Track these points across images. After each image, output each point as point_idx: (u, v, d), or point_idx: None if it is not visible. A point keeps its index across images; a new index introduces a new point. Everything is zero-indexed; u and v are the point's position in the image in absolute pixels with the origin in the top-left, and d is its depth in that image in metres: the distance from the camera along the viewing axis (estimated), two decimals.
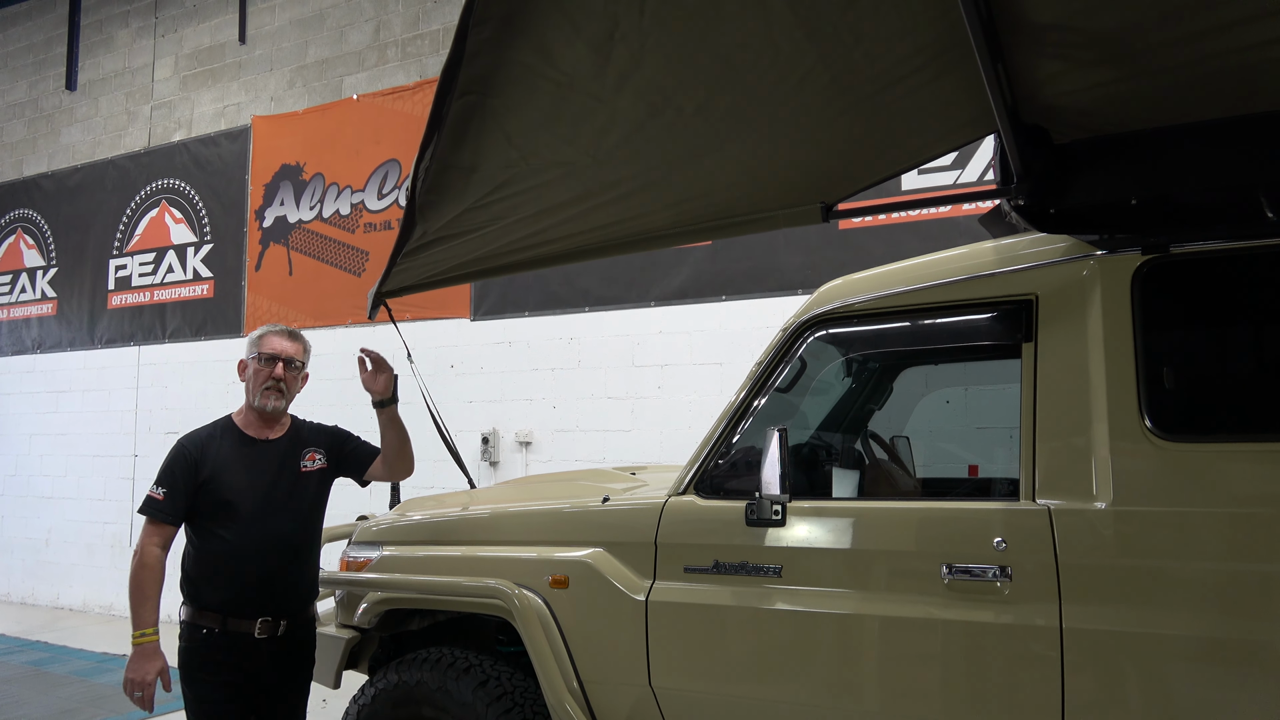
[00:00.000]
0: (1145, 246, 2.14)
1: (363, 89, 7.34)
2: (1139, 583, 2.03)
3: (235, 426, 2.89)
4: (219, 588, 2.71)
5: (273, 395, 2.85)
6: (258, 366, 2.87)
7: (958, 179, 5.15)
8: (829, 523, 2.43)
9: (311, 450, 2.94)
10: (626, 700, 2.62)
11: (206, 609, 2.71)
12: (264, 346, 2.88)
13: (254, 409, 2.88)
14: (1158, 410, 2.07)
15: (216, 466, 2.76)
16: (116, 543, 8.35)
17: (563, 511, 2.92)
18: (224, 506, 2.73)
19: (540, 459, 6.27)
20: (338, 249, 7.33)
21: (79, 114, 9.19)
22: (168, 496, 2.73)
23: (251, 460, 2.82)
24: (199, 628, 2.71)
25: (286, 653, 2.80)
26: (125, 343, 8.55)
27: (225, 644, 2.69)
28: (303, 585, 2.87)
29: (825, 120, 2.13)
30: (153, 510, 2.73)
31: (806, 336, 2.59)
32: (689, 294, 5.86)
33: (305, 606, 2.88)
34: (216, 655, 2.69)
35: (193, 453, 2.77)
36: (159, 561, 2.72)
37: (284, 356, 2.87)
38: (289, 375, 2.88)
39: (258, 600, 2.72)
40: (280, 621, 2.75)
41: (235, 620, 2.69)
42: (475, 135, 1.91)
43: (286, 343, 2.91)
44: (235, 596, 2.70)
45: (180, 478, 2.74)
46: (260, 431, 2.89)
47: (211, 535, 2.75)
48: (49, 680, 6.02)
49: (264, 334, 2.92)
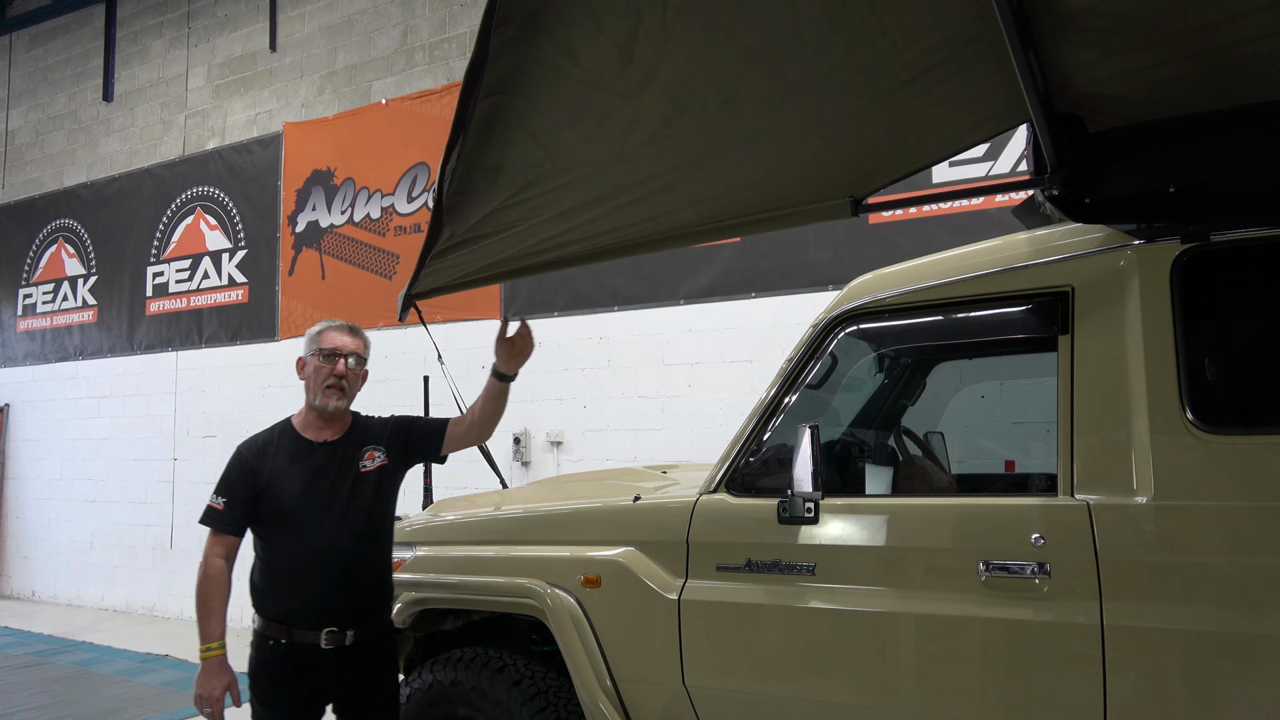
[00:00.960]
0: (1184, 235, 2.10)
1: (391, 93, 7.41)
2: (1182, 578, 1.98)
3: (293, 430, 2.77)
4: (281, 598, 2.61)
5: (334, 394, 2.71)
6: (318, 364, 2.72)
7: (990, 170, 5.08)
8: (863, 520, 2.40)
9: (371, 449, 2.78)
10: (660, 699, 2.62)
11: (272, 620, 2.62)
12: (324, 342, 2.74)
13: (314, 409, 2.75)
14: (1199, 402, 2.03)
15: (273, 473, 2.66)
16: (158, 545, 8.50)
17: (594, 511, 2.92)
18: (281, 514, 2.63)
19: (571, 458, 6.28)
20: (369, 252, 7.40)
21: (116, 124, 9.36)
22: (227, 506, 2.64)
23: (308, 465, 2.69)
24: (266, 639, 2.62)
25: (357, 664, 2.64)
26: (163, 348, 8.70)
27: (293, 656, 2.58)
28: (369, 592, 2.71)
29: (853, 114, 2.10)
30: (213, 521, 2.65)
31: (837, 332, 2.57)
32: (718, 291, 5.84)
33: (375, 615, 2.72)
34: (285, 668, 2.59)
35: (250, 460, 2.68)
36: (222, 573, 2.64)
37: (344, 352, 2.73)
38: (350, 373, 2.73)
39: (321, 610, 2.58)
40: (347, 631, 2.60)
41: (300, 631, 2.57)
42: (501, 136, 1.91)
43: (347, 338, 2.77)
44: (298, 607, 2.59)
45: (238, 486, 2.65)
46: (318, 434, 2.75)
47: (272, 544, 2.66)
48: (94, 680, 6.14)
49: (323, 330, 2.78)
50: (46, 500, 9.53)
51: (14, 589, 9.70)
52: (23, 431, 9.86)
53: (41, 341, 9.79)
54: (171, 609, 8.35)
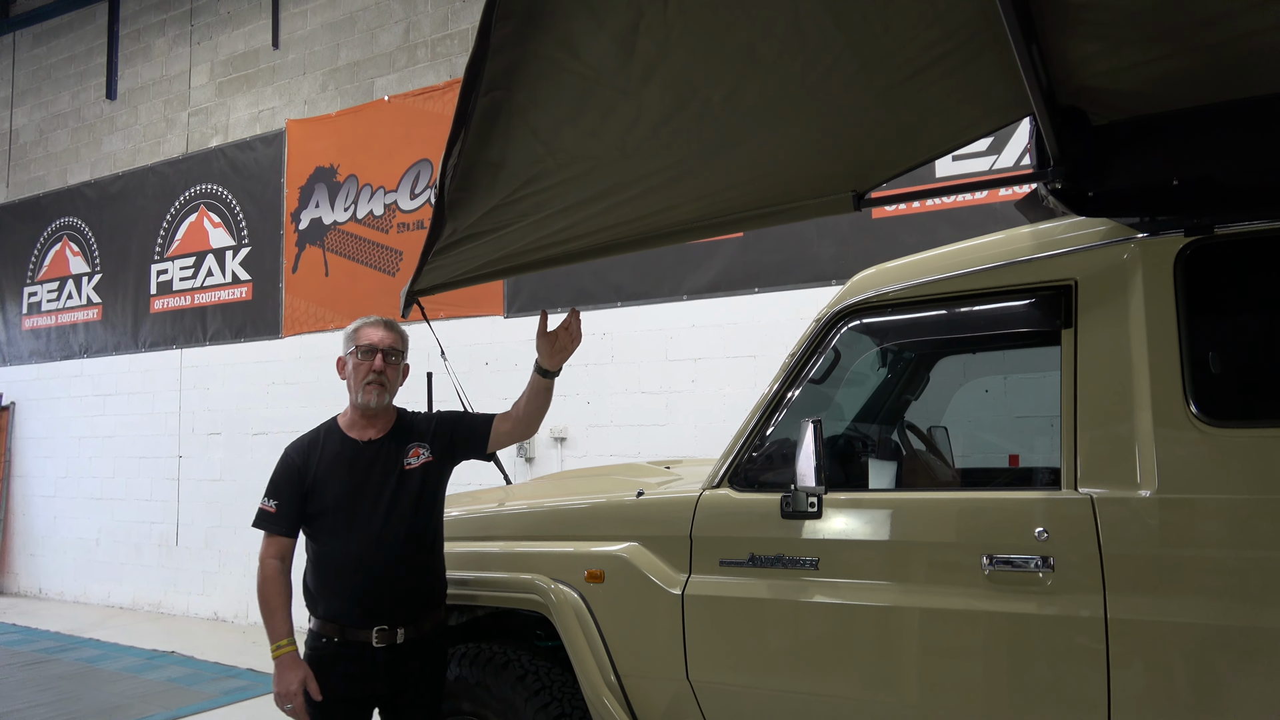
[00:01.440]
0: (1188, 228, 2.09)
1: (394, 90, 7.41)
2: (1186, 572, 1.98)
3: (338, 429, 2.76)
4: (332, 597, 2.62)
5: (374, 390, 2.69)
6: (357, 361, 2.70)
7: (993, 165, 5.07)
8: (866, 514, 2.40)
9: (415, 445, 2.76)
10: (664, 694, 2.62)
11: (325, 619, 2.63)
12: (361, 339, 2.72)
13: (356, 407, 2.74)
14: (1203, 395, 2.03)
15: (319, 473, 2.66)
16: (164, 542, 8.53)
17: (598, 506, 2.93)
18: (328, 513, 2.64)
19: (575, 454, 6.29)
20: (372, 249, 7.41)
21: (119, 122, 9.38)
22: (278, 508, 2.66)
23: (353, 463, 2.69)
24: (320, 637, 2.64)
25: (408, 663, 2.65)
26: (168, 346, 8.72)
27: (346, 654, 2.59)
28: (419, 590, 2.70)
29: (855, 108, 2.10)
30: (265, 523, 2.68)
31: (840, 327, 2.57)
32: (721, 287, 5.84)
33: (426, 613, 2.71)
34: (338, 666, 2.60)
35: (297, 460, 2.70)
36: (278, 573, 2.65)
37: (383, 347, 2.72)
38: (389, 368, 2.72)
39: (370, 608, 2.59)
40: (398, 630, 2.61)
41: (352, 630, 2.59)
42: (502, 131, 1.91)
43: (384, 333, 2.75)
44: (348, 605, 2.60)
45: (286, 487, 2.67)
46: (362, 432, 2.74)
47: (321, 543, 2.67)
48: (100, 677, 6.16)
49: (359, 327, 2.76)
50: (53, 498, 9.57)
51: (21, 586, 9.74)
52: (29, 429, 9.89)
53: (47, 340, 9.82)
54: (178, 606, 8.37)
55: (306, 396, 7.65)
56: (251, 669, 6.23)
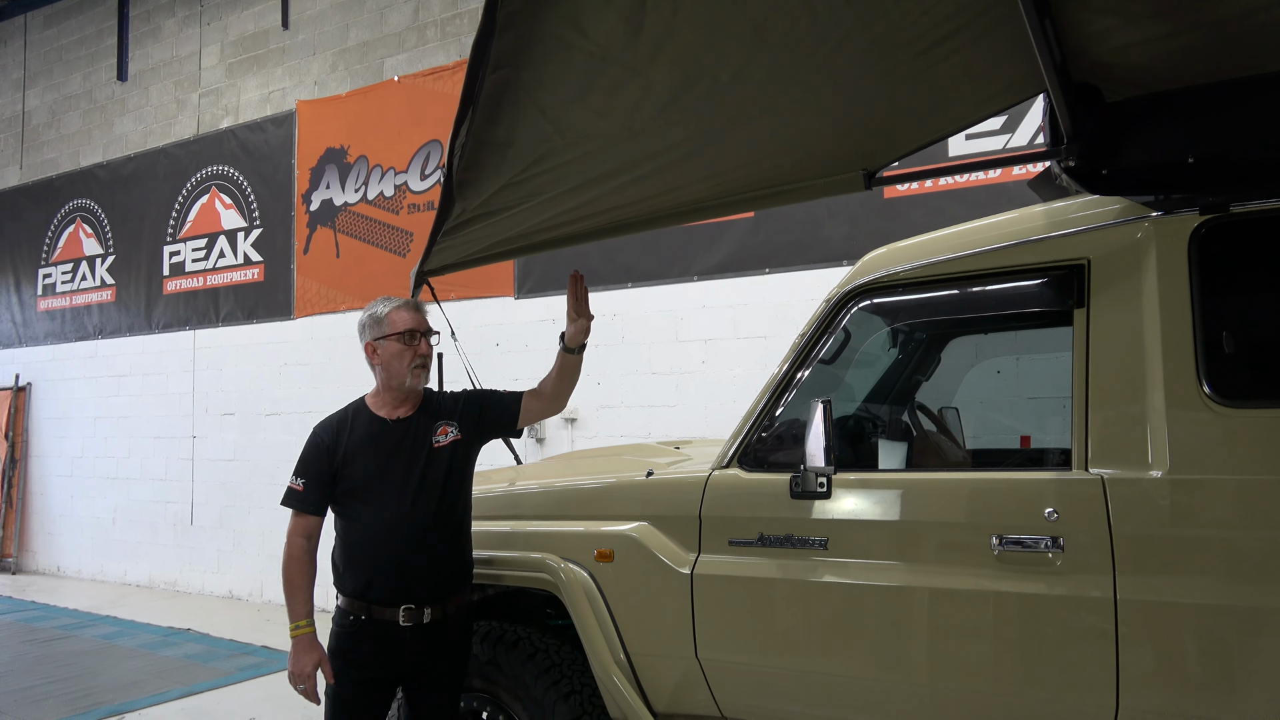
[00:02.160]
0: (1203, 206, 2.07)
1: (403, 70, 7.38)
2: (1196, 553, 1.97)
3: (367, 409, 2.76)
4: (359, 574, 2.62)
5: (422, 374, 2.72)
6: (400, 346, 2.69)
7: (1007, 143, 5.02)
8: (875, 495, 2.40)
9: (444, 424, 2.76)
10: (673, 672, 2.64)
11: (352, 596, 2.63)
12: (398, 324, 2.70)
13: (398, 390, 2.73)
14: (1216, 375, 2.01)
15: (348, 452, 2.67)
16: (179, 521, 8.62)
17: (607, 486, 2.94)
18: (356, 492, 2.65)
19: (585, 435, 6.30)
20: (383, 230, 7.41)
21: (131, 104, 9.39)
22: (306, 487, 2.66)
23: (381, 442, 2.69)
24: (347, 614, 2.64)
25: (434, 643, 2.66)
26: (181, 327, 8.77)
27: (372, 632, 2.60)
28: (446, 569, 2.70)
29: (865, 85, 2.08)
30: (293, 502, 2.67)
31: (850, 307, 2.56)
32: (732, 268, 5.82)
33: (453, 592, 2.71)
34: (364, 643, 2.61)
35: (326, 439, 2.69)
36: (304, 552, 2.65)
37: (421, 330, 2.73)
38: (431, 350, 2.74)
39: (397, 587, 2.60)
40: (424, 609, 2.61)
41: (379, 608, 2.60)
42: (510, 110, 1.90)
43: (418, 315, 2.76)
44: (375, 583, 2.60)
45: (315, 466, 2.67)
46: (391, 411, 2.74)
47: (349, 522, 2.67)
48: (118, 653, 6.25)
49: (389, 312, 2.73)
50: (69, 478, 9.67)
51: (39, 565, 9.87)
52: (45, 410, 9.98)
53: (61, 321, 9.89)
54: (193, 584, 8.47)
55: (318, 377, 7.69)
56: (266, 646, 6.31)
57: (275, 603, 7.76)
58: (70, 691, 5.31)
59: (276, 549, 8.35)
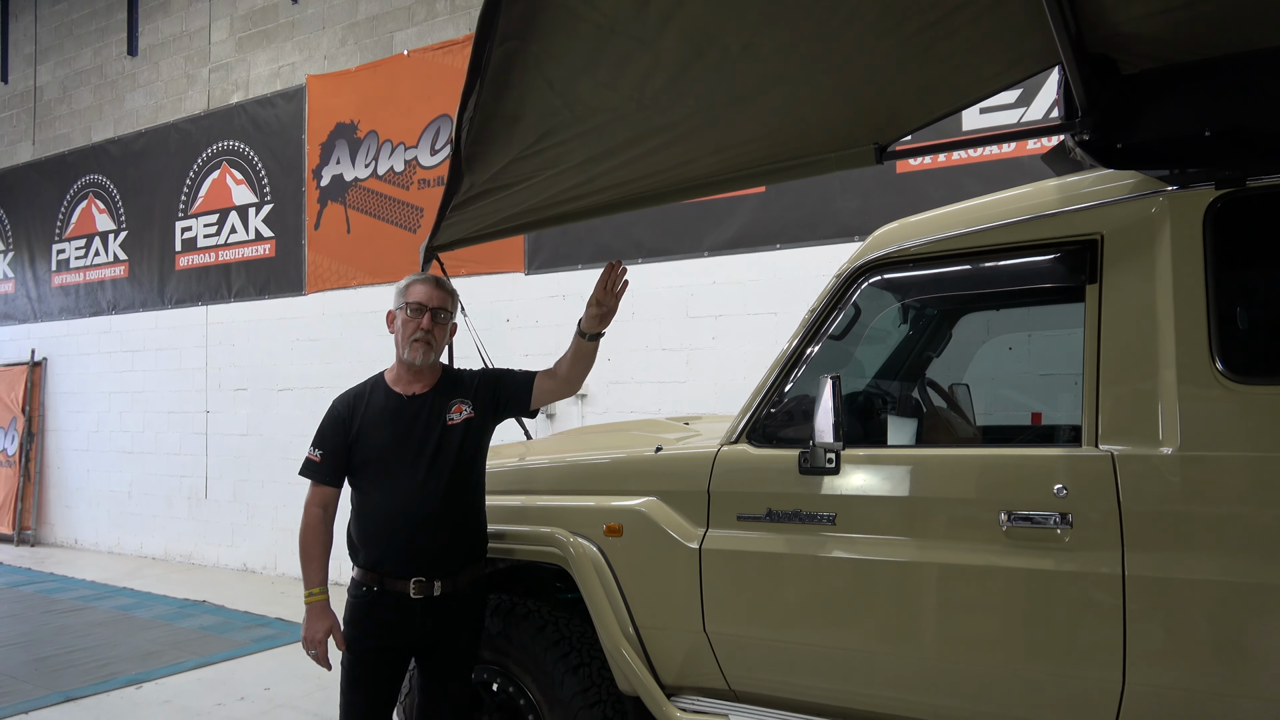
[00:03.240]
0: (1219, 180, 2.04)
1: (413, 44, 7.34)
2: (1207, 529, 1.97)
3: (385, 384, 2.79)
4: (372, 547, 2.66)
5: (421, 348, 2.71)
6: (406, 317, 2.73)
7: (1022, 117, 4.96)
8: (884, 470, 2.40)
9: (458, 401, 2.78)
10: (681, 645, 2.66)
11: (366, 568, 2.68)
12: (410, 296, 2.74)
13: (402, 362, 2.77)
14: (1230, 351, 1.99)
15: (364, 425, 2.70)
16: (194, 495, 8.70)
17: (617, 461, 2.94)
18: (371, 465, 2.69)
19: (596, 411, 6.31)
20: (393, 206, 7.41)
21: (141, 79, 9.38)
22: (324, 458, 2.71)
23: (397, 417, 2.72)
24: (361, 585, 2.69)
25: (444, 615, 2.69)
26: (193, 303, 8.81)
27: (383, 603, 2.64)
28: (457, 544, 2.73)
29: (876, 57, 2.05)
30: (311, 472, 2.72)
31: (860, 282, 2.54)
32: (743, 243, 5.79)
33: (464, 566, 2.74)
34: (376, 613, 2.65)
35: (343, 411, 2.74)
36: (320, 522, 2.70)
37: (431, 306, 2.73)
38: (436, 327, 2.74)
39: (409, 560, 2.64)
40: (435, 582, 2.65)
41: (391, 580, 2.64)
42: (518, 83, 1.89)
43: (434, 291, 2.76)
44: (387, 556, 2.64)
45: (332, 438, 2.71)
46: (408, 387, 2.77)
47: (364, 494, 2.71)
48: (134, 624, 6.34)
49: (410, 283, 2.77)
50: (85, 451, 9.77)
51: (58, 537, 10.00)
52: (60, 385, 10.07)
53: (75, 296, 9.95)
54: (208, 557, 8.57)
55: (330, 353, 7.72)
56: (280, 618, 6.38)
57: (289, 575, 7.85)
58: (89, 661, 5.40)
59: (290, 522, 8.41)
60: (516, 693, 2.93)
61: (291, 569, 7.83)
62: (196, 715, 4.47)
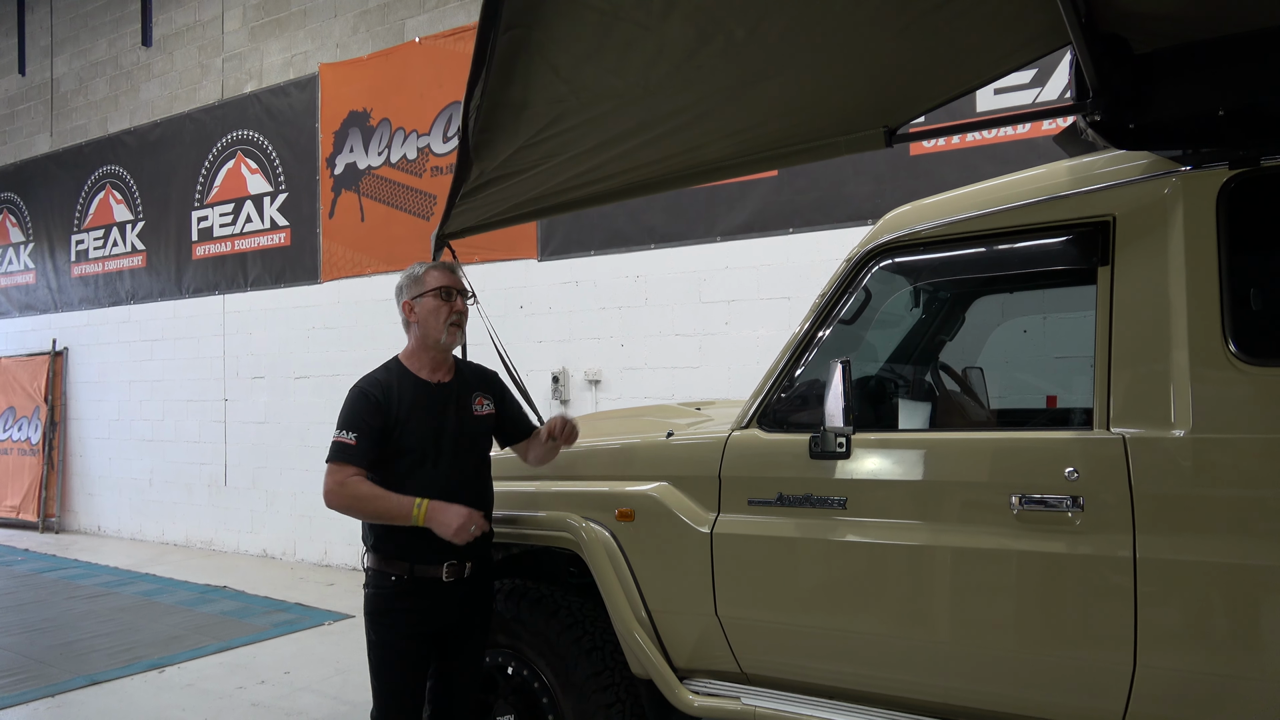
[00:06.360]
0: (1233, 160, 2.01)
1: (424, 31, 7.34)
2: (1219, 512, 1.96)
3: (408, 371, 2.75)
4: (403, 534, 2.61)
5: (457, 331, 2.75)
6: (436, 304, 2.71)
7: (1037, 97, 4.91)
8: (895, 454, 2.40)
9: (480, 394, 2.84)
10: (694, 629, 2.67)
11: (394, 557, 2.64)
12: (434, 282, 2.73)
13: (434, 349, 2.74)
14: (1243, 333, 1.97)
15: (402, 413, 2.65)
16: (213, 482, 8.80)
17: (628, 446, 2.96)
18: (407, 452, 2.65)
19: (609, 396, 6.33)
20: (406, 194, 7.42)
21: (156, 69, 9.42)
22: (359, 440, 2.58)
23: (429, 404, 2.71)
24: (387, 575, 2.65)
25: (470, 596, 2.74)
26: (210, 292, 8.88)
27: (414, 590, 2.64)
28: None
29: (885, 39, 2.04)
30: (344, 456, 2.57)
31: (871, 266, 2.53)
32: (755, 228, 5.77)
33: (488, 546, 2.83)
34: (404, 602, 2.64)
35: (377, 395, 2.65)
36: (360, 479, 2.57)
37: (458, 289, 2.77)
38: (466, 308, 2.79)
39: (443, 545, 2.61)
40: (466, 564, 2.68)
41: (422, 567, 2.63)
42: (523, 70, 1.89)
43: (454, 276, 2.80)
44: (423, 543, 2.60)
45: (367, 421, 2.61)
46: (433, 374, 2.76)
47: (395, 481, 2.63)
48: (158, 609, 6.43)
49: (426, 272, 2.76)
50: (107, 440, 9.89)
51: (81, 524, 10.14)
52: (81, 374, 10.19)
53: (95, 286, 10.04)
54: (228, 543, 8.67)
55: (345, 341, 7.77)
56: (300, 603, 6.46)
57: (308, 561, 7.93)
58: (113, 646, 5.49)
59: (308, 509, 8.45)
60: (531, 676, 2.96)
61: (310, 555, 7.92)
62: (218, 698, 4.54)
